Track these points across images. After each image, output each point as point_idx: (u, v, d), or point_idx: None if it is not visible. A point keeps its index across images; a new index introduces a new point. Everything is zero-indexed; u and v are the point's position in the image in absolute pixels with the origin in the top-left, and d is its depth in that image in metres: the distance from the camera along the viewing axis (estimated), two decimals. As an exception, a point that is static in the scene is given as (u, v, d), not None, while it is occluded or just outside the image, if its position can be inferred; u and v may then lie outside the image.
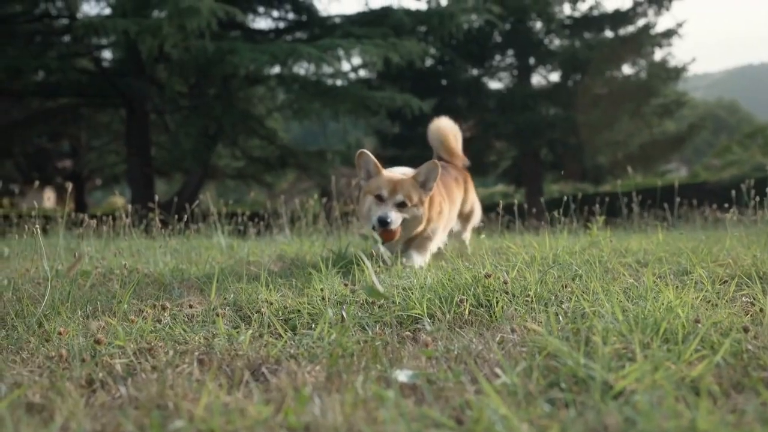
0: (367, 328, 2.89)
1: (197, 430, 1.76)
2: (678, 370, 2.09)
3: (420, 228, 4.83)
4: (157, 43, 15.78)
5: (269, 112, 25.08)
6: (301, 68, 20.37)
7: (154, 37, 15.63)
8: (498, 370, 2.17)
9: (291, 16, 23.13)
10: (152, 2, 16.09)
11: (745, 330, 2.49)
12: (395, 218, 4.51)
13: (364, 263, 3.08)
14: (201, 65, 18.26)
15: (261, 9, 22.75)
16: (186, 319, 3.21)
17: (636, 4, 27.89)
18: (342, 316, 2.84)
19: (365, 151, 4.84)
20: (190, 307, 3.51)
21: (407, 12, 21.04)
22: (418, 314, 3.06)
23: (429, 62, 26.86)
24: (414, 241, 5.01)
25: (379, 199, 4.61)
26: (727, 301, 3.08)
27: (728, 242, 5.36)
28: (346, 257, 4.95)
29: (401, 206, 4.60)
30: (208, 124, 20.80)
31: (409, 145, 26.92)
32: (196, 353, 2.56)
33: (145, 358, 2.51)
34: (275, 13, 23.09)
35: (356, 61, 21.00)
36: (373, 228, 4.57)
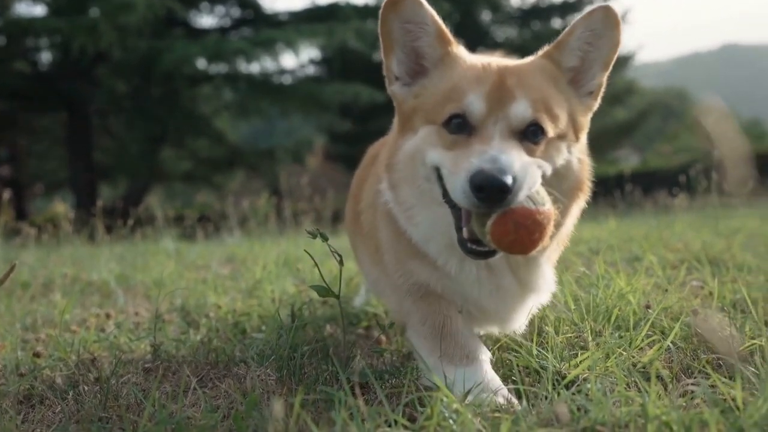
0: (319, 327, 2.85)
1: (141, 442, 1.70)
2: (629, 356, 2.11)
3: (578, 206, 2.13)
4: (93, 42, 15.40)
5: (216, 111, 24.75)
6: (244, 66, 20.22)
7: (88, 36, 15.25)
8: (451, 365, 2.14)
9: (237, 13, 22.90)
10: (88, 1, 15.74)
11: (695, 313, 2.52)
12: (524, 168, 1.77)
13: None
14: (141, 65, 17.94)
15: (204, 4, 22.42)
16: (132, 327, 3.12)
17: (584, -6, 28.44)
18: (292, 316, 2.79)
19: None
20: (136, 314, 3.42)
21: (355, 8, 21.01)
22: (372, 311, 3.03)
23: (380, 56, 26.80)
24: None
25: (459, 126, 1.90)
26: (677, 286, 3.13)
27: (678, 227, 5.48)
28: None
29: (531, 138, 1.90)
30: (152, 126, 20.42)
31: (362, 142, 26.82)
32: (142, 362, 2.48)
33: (88, 369, 2.43)
34: (220, 10, 22.81)
35: (302, 54, 21.03)
36: (456, 211, 1.91)
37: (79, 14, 15.89)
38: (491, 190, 1.67)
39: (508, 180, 1.67)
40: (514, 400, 1.84)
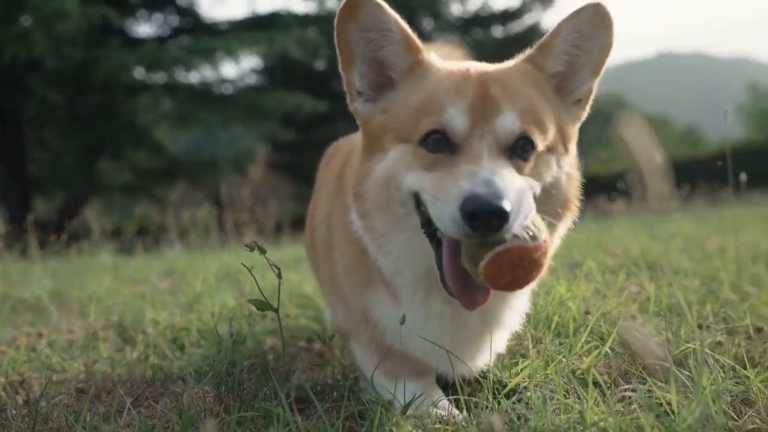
0: (259, 341, 2.80)
1: (71, 468, 1.63)
2: (569, 363, 2.13)
3: (564, 227, 2.00)
4: (25, 50, 15.00)
5: (155, 121, 24.29)
6: (183, 75, 19.98)
7: (20, 45, 14.85)
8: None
9: (175, 22, 22.59)
10: (19, 8, 15.32)
11: (633, 318, 2.57)
12: (519, 195, 1.59)
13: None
14: (76, 74, 17.52)
15: (141, 12, 22.03)
16: (65, 346, 3.00)
17: (524, 3, 29.02)
18: (231, 331, 2.73)
19: None
20: (70, 332, 3.30)
21: (296, 16, 21.00)
22: (315, 326, 3.00)
23: (322, 65, 26.82)
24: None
25: (439, 143, 1.70)
26: (616, 291, 3.18)
27: (617, 232, 5.60)
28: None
29: (520, 153, 1.72)
30: (89, 136, 19.91)
31: (305, 151, 26.72)
32: (74, 382, 2.39)
33: (16, 391, 2.32)
34: (158, 18, 22.46)
35: (243, 63, 21.02)
36: (435, 241, 1.74)
37: (8, 22, 15.42)
38: (487, 218, 1.47)
39: (506, 206, 1.47)
40: (455, 411, 1.83)
